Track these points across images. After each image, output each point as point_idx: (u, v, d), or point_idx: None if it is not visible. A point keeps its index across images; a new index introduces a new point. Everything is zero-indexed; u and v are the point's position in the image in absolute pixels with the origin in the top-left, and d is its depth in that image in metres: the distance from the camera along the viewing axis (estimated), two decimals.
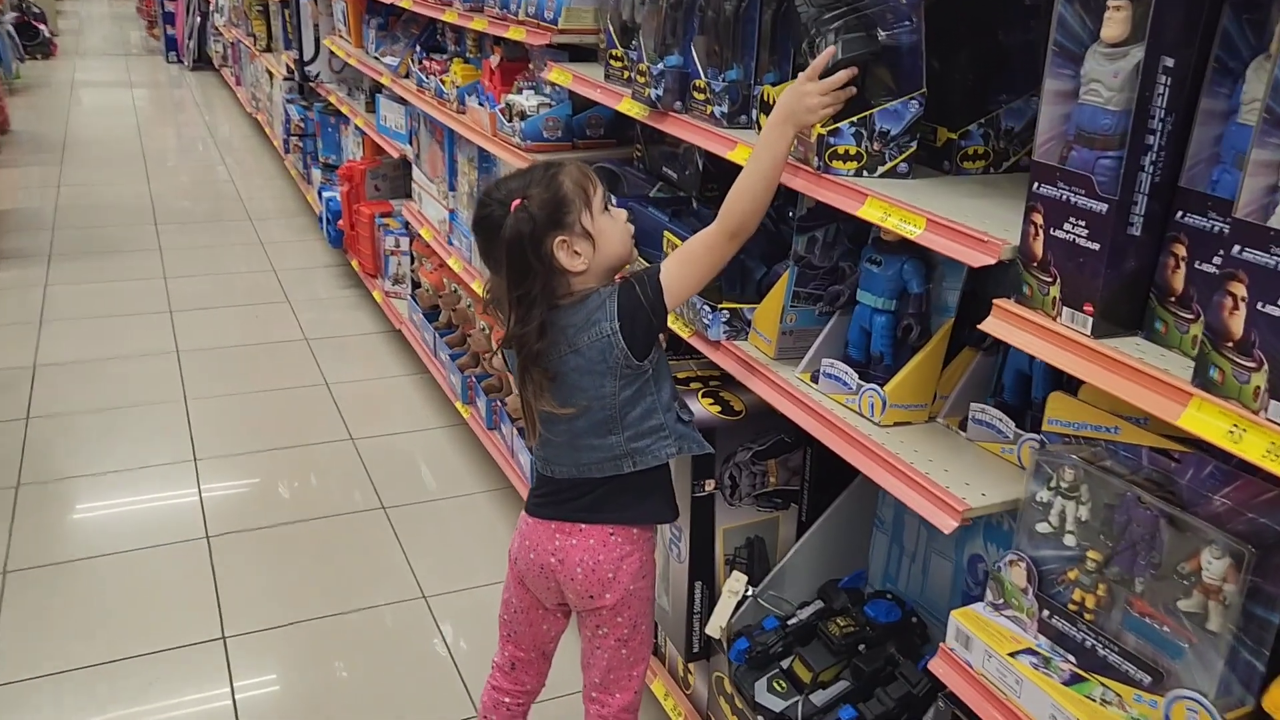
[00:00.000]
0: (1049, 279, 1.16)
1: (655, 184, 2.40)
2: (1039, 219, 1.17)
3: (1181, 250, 1.08)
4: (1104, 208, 1.09)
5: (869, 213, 1.43)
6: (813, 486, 1.98)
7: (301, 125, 6.07)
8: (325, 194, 5.20)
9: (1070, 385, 1.31)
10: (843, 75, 1.47)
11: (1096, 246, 1.10)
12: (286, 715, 2.34)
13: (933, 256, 1.56)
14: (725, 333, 1.82)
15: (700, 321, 1.85)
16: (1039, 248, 1.17)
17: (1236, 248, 0.94)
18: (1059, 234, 1.14)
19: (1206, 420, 0.97)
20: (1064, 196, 1.13)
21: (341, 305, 4.93)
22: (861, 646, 1.69)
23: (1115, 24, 1.05)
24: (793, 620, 1.80)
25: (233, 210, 6.53)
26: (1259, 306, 0.93)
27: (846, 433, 1.54)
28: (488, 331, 3.40)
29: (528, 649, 1.83)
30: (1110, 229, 1.08)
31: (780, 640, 1.77)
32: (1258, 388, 0.94)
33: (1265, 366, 0.93)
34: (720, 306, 1.82)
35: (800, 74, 1.51)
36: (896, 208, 1.39)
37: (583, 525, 1.66)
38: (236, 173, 7.54)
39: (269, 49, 7.51)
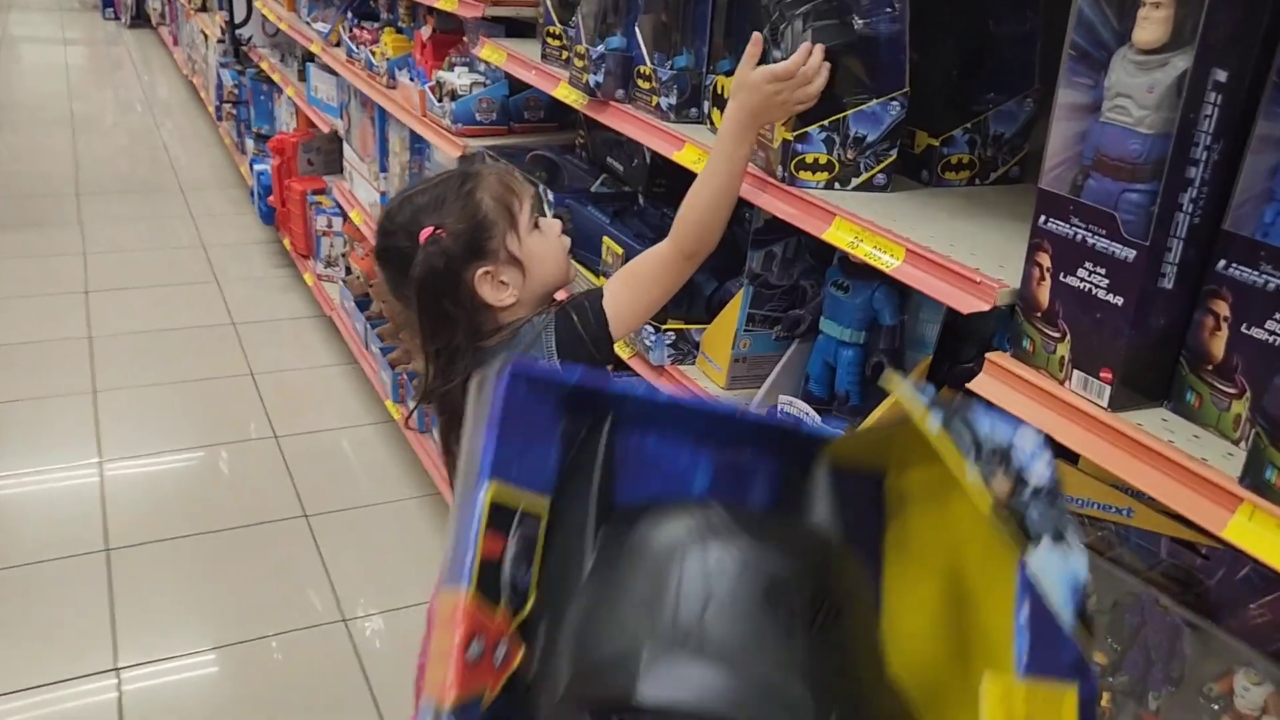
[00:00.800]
0: (1056, 334, 0.95)
1: (599, 176, 2.16)
2: (1045, 260, 0.95)
3: (1223, 308, 0.87)
4: (1131, 254, 0.87)
5: (836, 236, 1.21)
6: None
7: (234, 92, 5.71)
8: (257, 167, 4.88)
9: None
10: (816, 59, 1.24)
11: (1120, 301, 0.88)
12: None
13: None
14: (670, 356, 1.60)
15: (642, 343, 1.62)
16: (1045, 296, 0.96)
17: None
18: (1071, 281, 0.93)
19: (1260, 534, 0.77)
20: (1078, 236, 0.92)
21: (273, 286, 4.64)
22: None
23: (1153, 25, 0.84)
24: None
25: (165, 180, 6.16)
26: None
27: None
28: None
29: None
30: (1138, 280, 0.87)
31: None
32: None
33: None
34: (665, 327, 1.60)
35: (755, 66, 1.27)
36: (870, 232, 1.17)
37: None
38: (171, 139, 7.14)
39: (204, 8, 7.10)
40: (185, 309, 4.32)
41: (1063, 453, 1.13)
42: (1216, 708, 0.92)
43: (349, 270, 3.82)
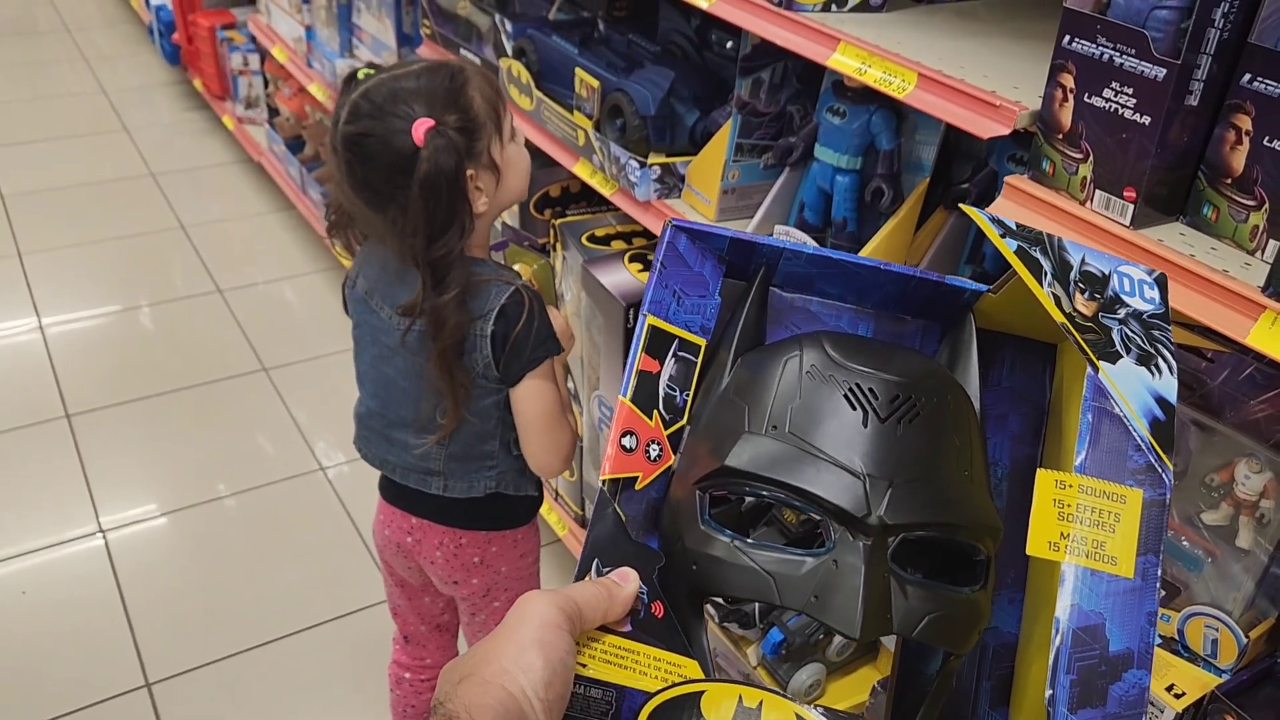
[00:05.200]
0: (1078, 155, 0.97)
1: (554, 0, 2.06)
2: (1069, 81, 0.96)
3: (1246, 123, 0.90)
4: (1160, 73, 0.89)
5: (843, 63, 1.19)
6: None
7: None
8: (154, 1, 4.52)
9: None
10: None
11: (1147, 120, 0.90)
12: (179, 608, 2.15)
13: (904, 105, 1.34)
14: (656, 191, 1.59)
15: (626, 178, 1.61)
16: (1067, 117, 0.97)
17: None
18: (1096, 102, 0.94)
19: None
20: (1105, 56, 0.92)
21: (188, 131, 4.39)
22: (818, 530, 1.59)
23: None
24: (744, 506, 1.68)
25: (41, 18, 5.67)
26: None
27: None
28: None
29: (415, 624, 1.63)
30: (1166, 99, 0.89)
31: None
32: None
33: None
34: (650, 161, 1.58)
35: None
36: (878, 57, 1.15)
37: None
38: None
39: None
40: (96, 162, 4.09)
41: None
42: (1217, 495, 1.01)
43: (275, 111, 3.63)
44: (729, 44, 1.67)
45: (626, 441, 0.65)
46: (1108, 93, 0.93)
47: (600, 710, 0.57)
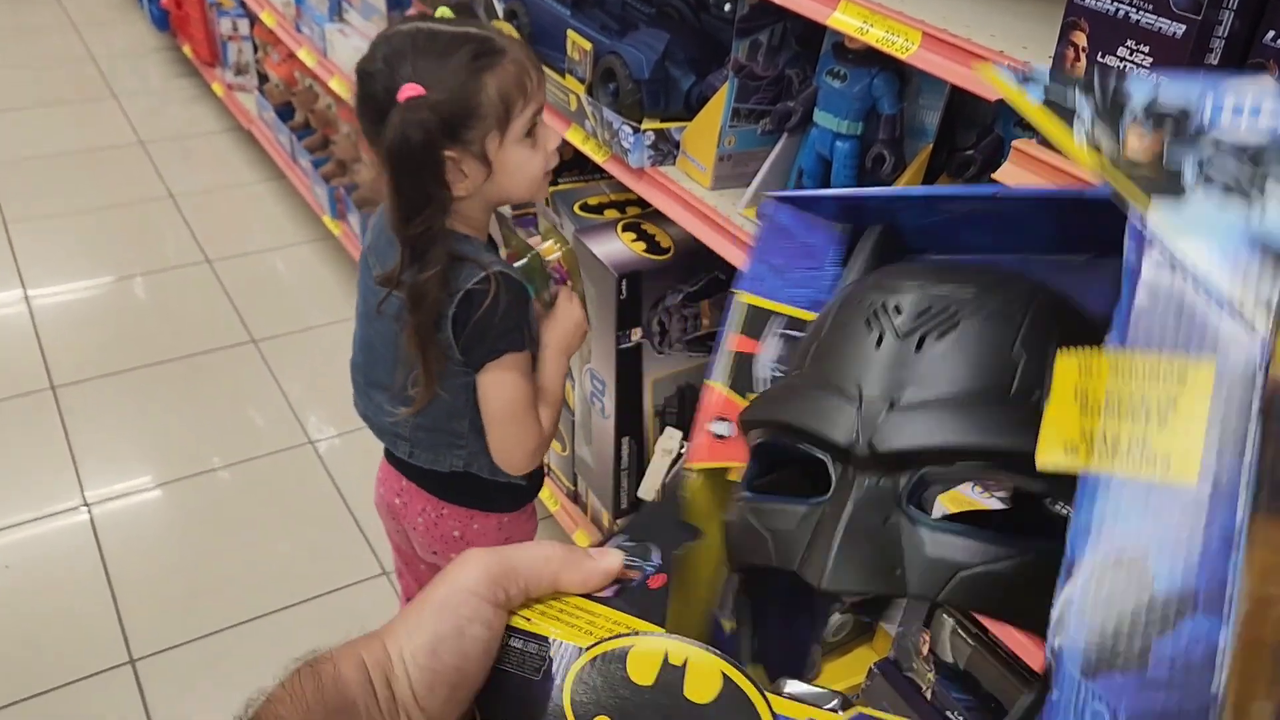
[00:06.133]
0: None
1: None
2: (1081, 40, 0.91)
3: None
4: (1179, 29, 0.84)
5: (844, 22, 1.14)
6: None
7: None
8: None
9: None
10: None
11: None
12: (164, 583, 2.12)
13: (908, 68, 1.29)
14: (650, 158, 1.54)
15: (619, 145, 1.55)
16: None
17: None
18: (1110, 61, 0.89)
19: None
20: (1120, 11, 0.87)
21: (178, 99, 4.32)
22: None
23: None
24: None
25: None
26: None
27: None
28: (353, 136, 2.98)
29: (414, 590, 1.60)
30: (1185, 58, 0.84)
31: None
32: None
33: None
34: (644, 127, 1.52)
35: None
36: (881, 15, 1.10)
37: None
38: None
39: None
40: (84, 129, 4.02)
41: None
42: None
43: (264, 78, 3.56)
44: (726, 5, 1.62)
45: (719, 428, 0.58)
46: (1122, 51, 0.88)
47: (534, 665, 0.51)
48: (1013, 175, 0.99)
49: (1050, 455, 0.41)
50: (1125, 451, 0.39)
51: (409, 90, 1.14)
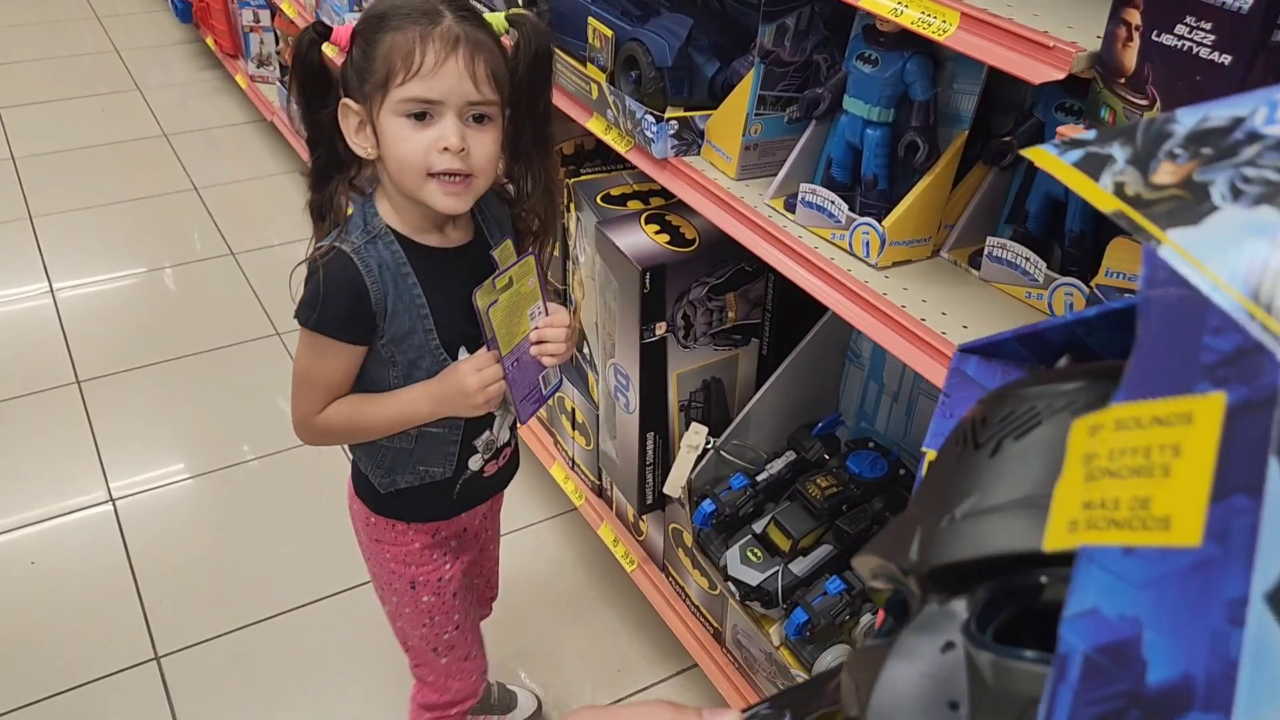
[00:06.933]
0: (1144, 101, 0.87)
1: None
2: (1134, 18, 0.86)
3: None
4: (1245, 4, 0.78)
5: (876, 3, 1.09)
6: (775, 316, 1.72)
7: None
8: None
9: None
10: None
11: (1227, 60, 0.80)
12: (190, 578, 2.10)
13: (942, 52, 1.23)
14: (674, 148, 1.49)
15: (642, 134, 1.51)
16: (1131, 58, 0.87)
17: None
18: (1167, 40, 0.84)
19: None
20: None
21: (201, 91, 4.32)
22: (844, 506, 1.50)
23: None
24: (763, 475, 1.60)
25: None
26: None
27: (836, 279, 1.26)
28: None
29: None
30: (1253, 35, 0.78)
31: (750, 500, 1.57)
32: None
33: None
34: (668, 116, 1.48)
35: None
36: None
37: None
38: None
39: None
40: (109, 122, 4.02)
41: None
42: None
43: (285, 69, 3.54)
44: None
45: None
46: (1180, 29, 0.82)
47: None
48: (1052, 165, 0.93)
49: (1055, 535, 0.35)
50: (1125, 517, 0.33)
51: (337, 32, 1.14)
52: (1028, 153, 0.45)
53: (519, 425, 1.41)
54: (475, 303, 1.14)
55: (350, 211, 1.21)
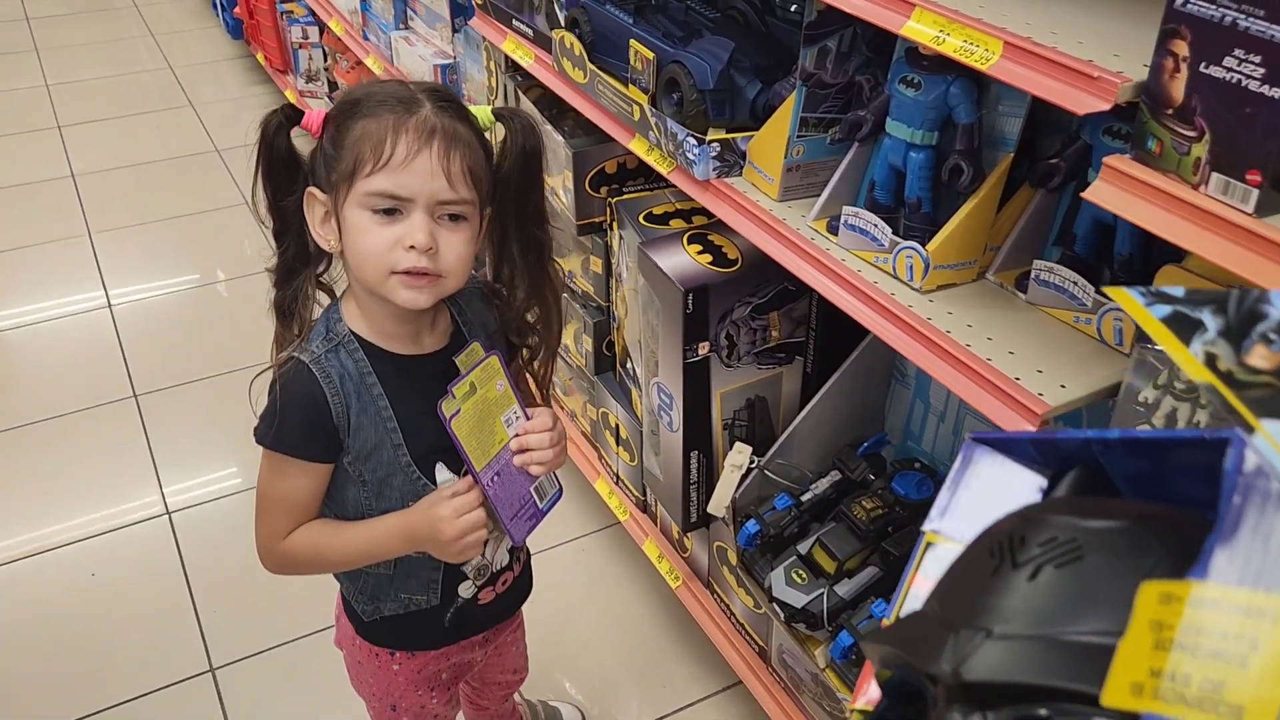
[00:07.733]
0: (1192, 133, 0.85)
1: None
2: (1182, 49, 0.84)
3: None
4: None
5: (918, 31, 1.08)
6: (820, 335, 1.71)
7: None
8: None
9: (1171, 246, 1.03)
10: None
11: (1278, 93, 0.78)
12: (245, 591, 2.14)
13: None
14: (716, 169, 1.49)
15: (683, 156, 1.51)
16: (1179, 90, 0.85)
17: None
18: (1215, 72, 0.82)
19: None
20: (1228, 18, 0.80)
21: (253, 106, 4.40)
22: (890, 528, 1.49)
23: None
24: (807, 496, 1.59)
25: None
26: None
27: (880, 303, 1.26)
28: None
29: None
30: None
31: (795, 520, 1.57)
32: None
33: None
34: (710, 138, 1.48)
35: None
36: (958, 24, 1.04)
37: None
38: None
39: None
40: (164, 138, 4.12)
41: (1157, 241, 1.00)
42: None
43: (333, 85, 3.60)
44: (793, 8, 1.56)
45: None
46: (1229, 61, 0.81)
47: None
48: (1104, 195, 0.93)
49: (1116, 694, 0.36)
50: (1196, 696, 0.34)
51: (308, 117, 1.08)
52: (1111, 292, 0.46)
53: (516, 543, 1.25)
54: (440, 413, 1.06)
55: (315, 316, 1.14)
